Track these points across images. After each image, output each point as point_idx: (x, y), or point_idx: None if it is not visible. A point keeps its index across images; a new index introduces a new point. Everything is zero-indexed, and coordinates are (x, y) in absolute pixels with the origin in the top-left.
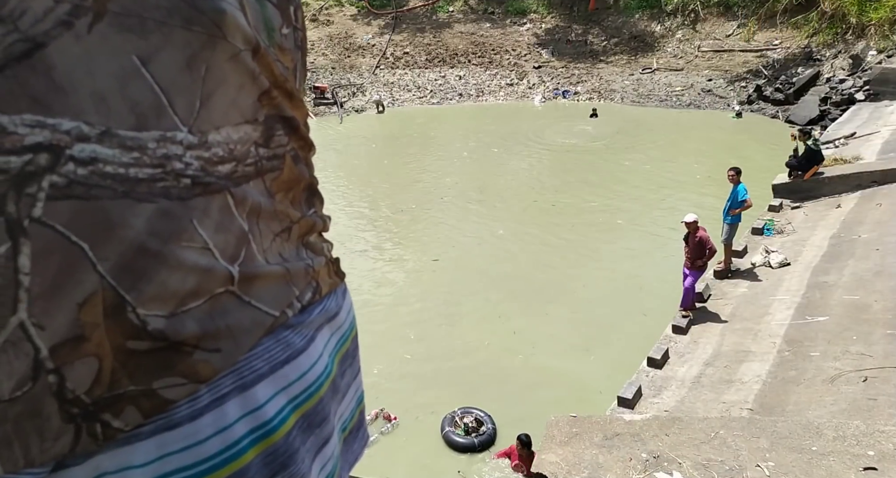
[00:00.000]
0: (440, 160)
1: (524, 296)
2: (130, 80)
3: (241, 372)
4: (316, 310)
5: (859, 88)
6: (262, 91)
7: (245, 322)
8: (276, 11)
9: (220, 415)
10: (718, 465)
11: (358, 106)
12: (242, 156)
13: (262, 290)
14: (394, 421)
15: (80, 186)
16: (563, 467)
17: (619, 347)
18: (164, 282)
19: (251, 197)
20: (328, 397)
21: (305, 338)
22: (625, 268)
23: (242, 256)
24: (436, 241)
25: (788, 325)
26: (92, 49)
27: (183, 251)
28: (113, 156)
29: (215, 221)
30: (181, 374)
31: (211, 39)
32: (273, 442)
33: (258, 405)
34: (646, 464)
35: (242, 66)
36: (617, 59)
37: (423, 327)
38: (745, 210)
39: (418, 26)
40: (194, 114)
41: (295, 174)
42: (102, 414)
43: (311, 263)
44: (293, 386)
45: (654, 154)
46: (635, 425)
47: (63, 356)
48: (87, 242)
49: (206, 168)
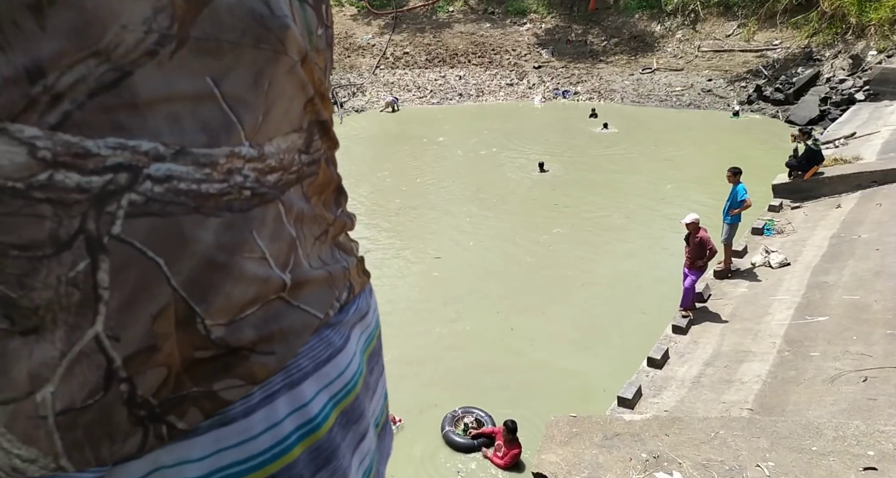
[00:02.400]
0: (440, 160)
1: (525, 294)
2: (203, 101)
3: (289, 371)
4: (351, 309)
5: (859, 88)
6: (308, 99)
7: (296, 325)
8: (312, 13)
9: (271, 412)
10: (718, 465)
11: (358, 106)
12: (289, 164)
13: (309, 294)
14: (399, 423)
15: (156, 202)
16: (563, 467)
17: (620, 347)
18: (229, 293)
19: (296, 204)
20: (363, 394)
21: (343, 337)
22: (624, 267)
23: (292, 262)
24: (437, 239)
25: (788, 325)
26: (171, 74)
27: (245, 262)
28: (187, 173)
29: (270, 231)
30: (239, 376)
31: (276, 55)
32: (318, 438)
33: (305, 402)
34: (646, 464)
35: (296, 77)
36: (617, 59)
37: (425, 326)
38: (744, 210)
39: (418, 26)
40: (257, 128)
41: (328, 176)
42: (168, 416)
43: (345, 264)
44: (334, 383)
45: (654, 154)
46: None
47: (136, 366)
48: (163, 258)
49: (260, 179)
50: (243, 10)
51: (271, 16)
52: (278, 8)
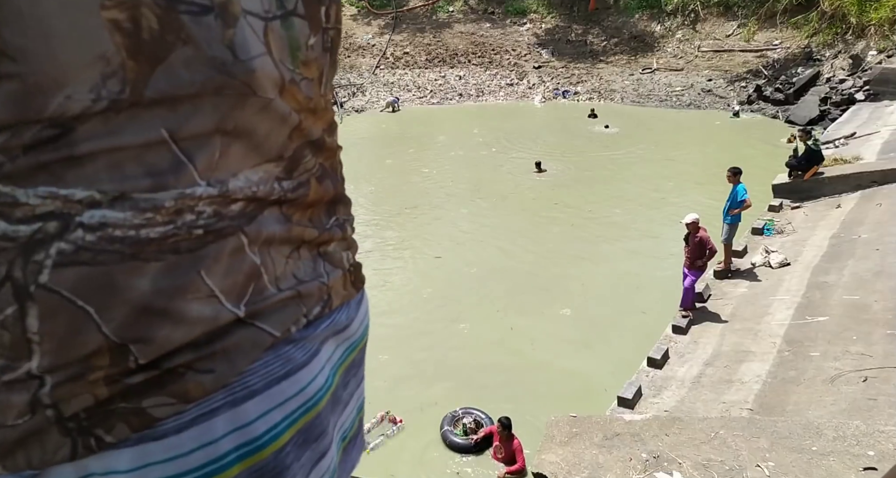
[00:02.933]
0: (441, 159)
1: (525, 294)
2: (152, 148)
3: (232, 389)
4: (323, 324)
5: (859, 88)
6: (293, 127)
7: (244, 344)
8: (303, 23)
9: (206, 430)
10: (718, 465)
11: (358, 106)
12: (266, 194)
13: (268, 312)
14: (399, 424)
15: (87, 251)
16: (564, 467)
17: (620, 346)
18: (168, 336)
19: (266, 229)
20: (327, 411)
21: (308, 352)
22: (624, 267)
23: (250, 292)
24: (437, 239)
25: (788, 325)
26: (119, 127)
27: (188, 304)
28: (124, 219)
29: (225, 266)
30: (170, 394)
31: (241, 99)
32: (262, 458)
33: (248, 422)
34: (646, 464)
35: (273, 113)
36: (617, 60)
37: (425, 325)
38: (744, 210)
39: (418, 26)
40: (213, 167)
41: (319, 194)
42: (95, 429)
43: (325, 280)
44: (290, 402)
45: (654, 154)
46: (635, 425)
47: (62, 394)
48: (93, 306)
49: (220, 212)
50: (202, 62)
51: (234, 61)
52: (244, 50)
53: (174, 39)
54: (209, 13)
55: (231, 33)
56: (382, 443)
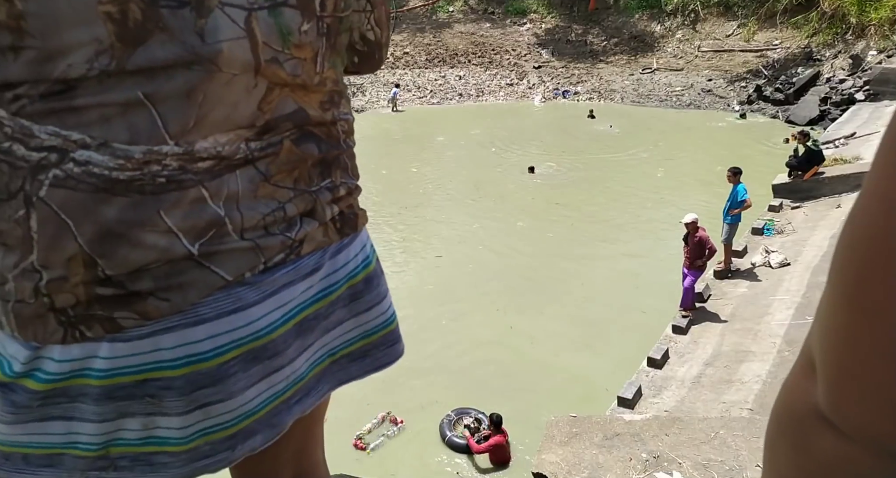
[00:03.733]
0: (440, 159)
1: (524, 293)
2: (133, 109)
3: (186, 315)
4: (283, 270)
5: (859, 88)
6: (260, 98)
7: (197, 282)
8: (295, 12)
9: (159, 341)
10: (718, 465)
11: (358, 106)
12: (230, 153)
13: (225, 259)
14: (401, 424)
15: (72, 179)
16: (563, 467)
17: (619, 346)
18: (126, 255)
19: (231, 186)
20: (287, 337)
21: (263, 294)
22: (624, 267)
23: (209, 236)
24: (437, 238)
25: (788, 325)
26: (107, 88)
27: (145, 234)
28: (102, 161)
29: (185, 210)
30: (134, 311)
31: (209, 74)
32: (206, 366)
33: (195, 340)
34: (646, 464)
35: (238, 86)
36: (617, 59)
37: (426, 324)
38: (744, 210)
39: (418, 26)
40: (186, 131)
41: (297, 155)
42: (80, 325)
43: (292, 234)
44: (239, 330)
45: (654, 154)
46: (635, 425)
47: (53, 289)
48: (72, 221)
49: (185, 166)
50: (175, 44)
51: (202, 44)
52: (212, 35)
53: (153, 27)
54: (185, 7)
55: (203, 22)
56: (383, 443)
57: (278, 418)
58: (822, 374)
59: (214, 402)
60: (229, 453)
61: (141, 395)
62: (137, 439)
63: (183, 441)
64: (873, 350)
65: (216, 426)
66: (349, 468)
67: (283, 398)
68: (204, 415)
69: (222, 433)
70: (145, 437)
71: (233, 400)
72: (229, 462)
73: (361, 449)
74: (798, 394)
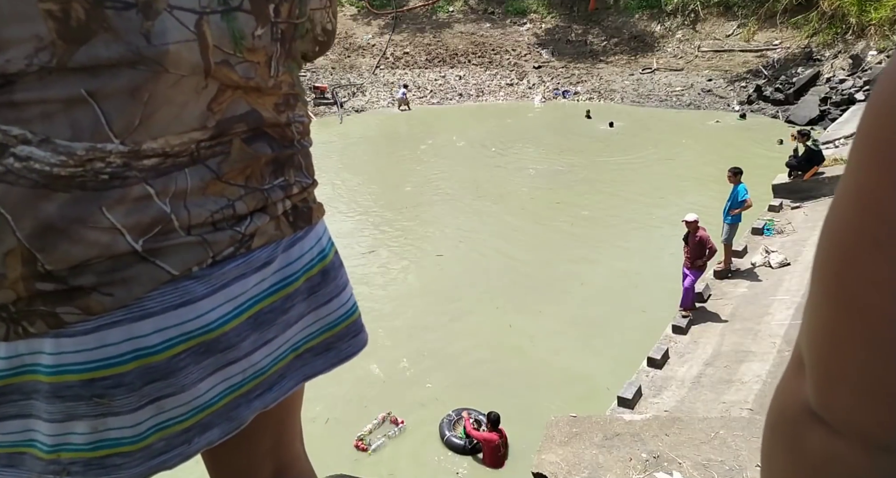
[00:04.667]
0: (441, 159)
1: (525, 293)
2: (76, 105)
3: (131, 309)
4: (232, 264)
5: (859, 88)
6: (210, 99)
7: (141, 277)
8: (249, 17)
9: (105, 336)
10: (718, 465)
11: (358, 106)
12: (179, 152)
13: (171, 254)
14: (401, 425)
15: (12, 174)
16: (563, 467)
17: (619, 346)
18: (67, 250)
19: (179, 184)
20: (240, 331)
21: (212, 287)
22: (623, 266)
23: (154, 233)
24: (438, 238)
25: (788, 325)
26: (48, 84)
27: (87, 231)
28: (44, 157)
29: (128, 207)
30: (77, 306)
31: (154, 74)
32: (156, 360)
33: (143, 334)
34: (646, 464)
35: (187, 86)
36: (617, 59)
37: (426, 323)
38: (745, 210)
39: (418, 26)
40: (131, 130)
41: (248, 154)
42: (22, 321)
43: (241, 229)
44: (188, 324)
45: (654, 154)
46: (635, 425)
47: None
48: (10, 215)
49: (130, 164)
50: (119, 44)
51: (148, 46)
52: (159, 37)
53: (97, 27)
54: (131, 9)
55: (150, 24)
56: (384, 444)
57: (237, 412)
58: (810, 370)
59: (167, 395)
60: (185, 447)
61: (88, 395)
62: (87, 444)
63: (136, 439)
64: (855, 343)
65: (170, 420)
66: (349, 469)
67: (241, 392)
68: (157, 409)
69: (177, 427)
70: (95, 441)
71: (185, 393)
72: (186, 457)
73: (363, 450)
74: (790, 394)
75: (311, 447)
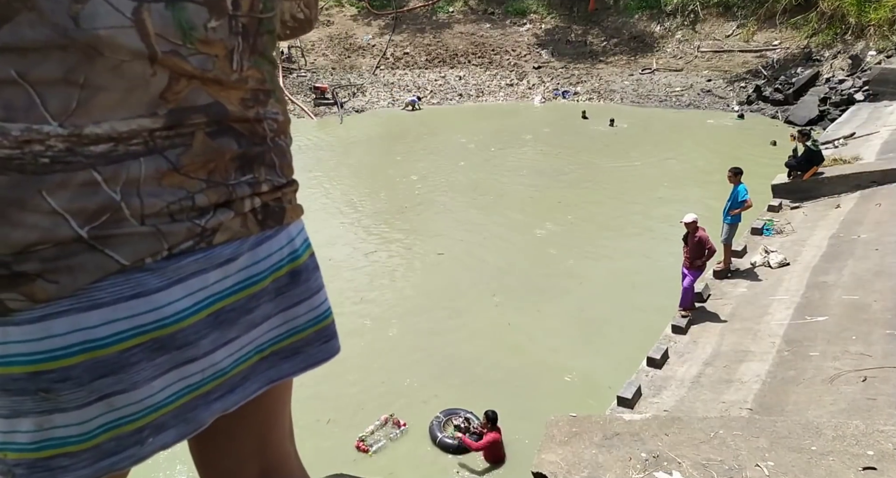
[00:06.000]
0: (441, 159)
1: (524, 292)
2: (7, 86)
3: (79, 299)
4: (191, 258)
5: (859, 89)
6: (163, 88)
7: (87, 265)
8: (200, 8)
9: (50, 326)
10: (718, 465)
11: (358, 106)
12: (128, 138)
13: (121, 243)
14: (403, 427)
15: None
16: (563, 467)
17: (618, 346)
18: (6, 234)
19: (129, 172)
20: (199, 328)
21: (168, 280)
22: (623, 266)
23: (102, 220)
24: (438, 237)
25: (788, 325)
26: None
27: (26, 214)
28: None
29: (72, 192)
30: (22, 293)
31: (88, 57)
32: (104, 354)
33: (90, 326)
34: (645, 464)
35: (130, 72)
36: (617, 60)
37: (427, 322)
38: (745, 210)
39: (418, 27)
40: (69, 112)
41: (212, 148)
42: None
43: (201, 222)
44: (140, 317)
45: (654, 154)
46: (635, 425)
47: None
48: None
49: (74, 149)
50: (45, 25)
51: (76, 29)
52: (88, 21)
53: (20, 6)
54: None
55: (79, 8)
56: (385, 445)
57: (194, 414)
58: None
59: (117, 392)
60: (138, 448)
61: (34, 389)
62: (32, 443)
63: (84, 438)
64: None
65: (121, 419)
66: (350, 469)
67: (200, 392)
68: (107, 407)
69: (128, 427)
70: (40, 440)
71: (137, 391)
72: (139, 459)
73: (364, 451)
74: None
75: (312, 447)
